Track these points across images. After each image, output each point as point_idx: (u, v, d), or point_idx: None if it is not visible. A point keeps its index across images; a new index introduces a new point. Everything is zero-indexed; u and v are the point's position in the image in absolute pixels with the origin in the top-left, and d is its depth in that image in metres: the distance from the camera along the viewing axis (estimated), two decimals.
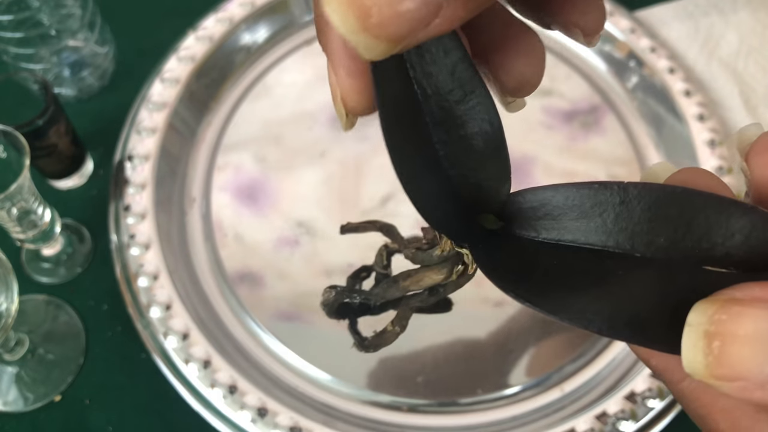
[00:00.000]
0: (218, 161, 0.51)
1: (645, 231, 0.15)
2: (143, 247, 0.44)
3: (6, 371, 0.43)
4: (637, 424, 0.39)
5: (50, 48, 0.50)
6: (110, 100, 0.55)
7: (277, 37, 0.57)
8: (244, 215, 0.49)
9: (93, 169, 0.51)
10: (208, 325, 0.43)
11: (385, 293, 0.18)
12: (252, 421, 0.39)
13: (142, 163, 0.48)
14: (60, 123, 0.45)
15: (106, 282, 0.46)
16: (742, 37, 0.57)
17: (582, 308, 0.14)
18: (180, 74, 0.52)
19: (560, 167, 0.51)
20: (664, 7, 0.59)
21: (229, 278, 0.46)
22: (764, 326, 0.11)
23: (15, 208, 0.39)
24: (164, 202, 0.48)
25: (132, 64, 0.56)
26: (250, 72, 0.56)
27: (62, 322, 0.45)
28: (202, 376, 0.40)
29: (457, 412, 0.42)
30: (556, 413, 0.41)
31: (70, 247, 0.48)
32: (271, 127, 0.53)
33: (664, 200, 0.15)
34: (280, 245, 0.47)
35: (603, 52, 0.57)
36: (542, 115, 0.54)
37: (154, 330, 0.41)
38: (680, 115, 0.52)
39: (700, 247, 0.14)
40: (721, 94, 0.55)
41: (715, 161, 0.49)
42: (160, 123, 0.49)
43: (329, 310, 0.19)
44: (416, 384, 0.43)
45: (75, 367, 0.43)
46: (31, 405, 0.42)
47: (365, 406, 0.42)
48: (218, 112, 0.54)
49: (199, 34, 0.54)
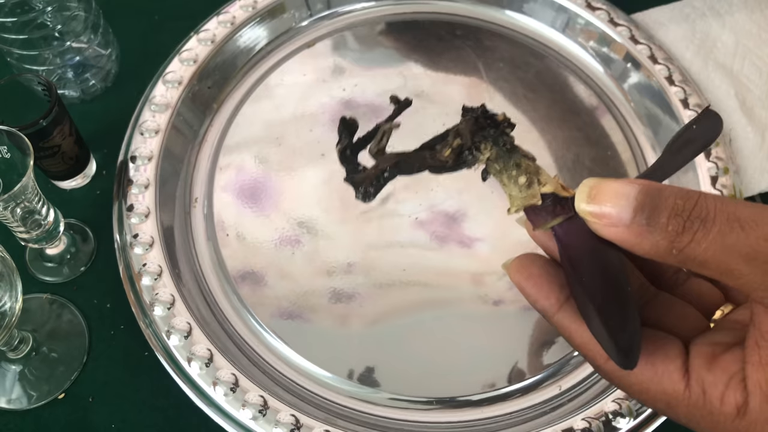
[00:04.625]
0: (220, 162, 0.52)
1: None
2: (146, 246, 0.45)
3: (10, 369, 0.44)
4: (635, 421, 0.40)
5: (54, 50, 0.51)
6: (113, 102, 0.55)
7: (279, 39, 0.58)
8: (246, 215, 0.49)
9: (96, 170, 0.52)
10: (210, 324, 0.44)
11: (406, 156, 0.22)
12: (253, 419, 0.39)
13: (145, 163, 0.48)
14: (64, 124, 0.45)
15: (109, 281, 0.47)
16: (738, 39, 0.58)
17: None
18: (182, 76, 0.52)
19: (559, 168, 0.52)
20: (661, 9, 0.60)
21: (231, 277, 0.47)
22: (617, 187, 0.19)
23: (19, 208, 0.40)
24: (167, 202, 0.48)
25: (135, 65, 0.57)
26: (252, 73, 0.56)
27: (66, 320, 0.45)
28: (204, 373, 0.40)
29: (455, 408, 0.43)
30: (553, 411, 0.42)
31: (74, 247, 0.48)
32: (272, 128, 0.53)
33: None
34: (282, 245, 0.48)
35: (600, 54, 0.57)
36: (540, 116, 0.54)
37: (156, 328, 0.42)
38: (677, 116, 0.52)
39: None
40: (718, 95, 0.55)
41: (711, 162, 0.50)
42: (163, 124, 0.50)
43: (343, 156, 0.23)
44: (415, 381, 0.43)
45: (78, 365, 0.44)
46: (34, 403, 0.43)
47: (365, 403, 0.43)
48: (220, 113, 0.54)
49: (201, 36, 0.54)
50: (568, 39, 0.59)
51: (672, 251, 0.18)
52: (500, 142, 0.21)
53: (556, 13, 0.58)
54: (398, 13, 0.60)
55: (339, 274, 0.47)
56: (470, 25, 0.59)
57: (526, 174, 0.21)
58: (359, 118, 0.53)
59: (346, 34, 0.59)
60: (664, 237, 0.18)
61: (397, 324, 0.45)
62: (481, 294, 0.46)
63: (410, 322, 0.45)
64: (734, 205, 0.17)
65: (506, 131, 0.21)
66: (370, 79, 0.56)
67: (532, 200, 0.21)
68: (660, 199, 0.18)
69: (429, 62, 0.57)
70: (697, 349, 0.20)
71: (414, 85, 0.55)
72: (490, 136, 0.21)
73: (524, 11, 0.60)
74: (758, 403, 0.17)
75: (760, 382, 0.17)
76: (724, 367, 0.18)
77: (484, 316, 0.45)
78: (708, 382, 0.18)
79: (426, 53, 0.57)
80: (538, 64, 0.57)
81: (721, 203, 0.17)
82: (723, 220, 0.17)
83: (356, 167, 0.23)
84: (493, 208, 0.49)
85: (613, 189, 0.19)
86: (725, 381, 0.18)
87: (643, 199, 0.18)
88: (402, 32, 0.59)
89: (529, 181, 0.21)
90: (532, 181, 0.21)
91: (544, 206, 0.21)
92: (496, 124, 0.21)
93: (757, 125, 0.54)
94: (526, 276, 0.22)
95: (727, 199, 0.18)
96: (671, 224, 0.18)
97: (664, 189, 0.18)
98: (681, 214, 0.17)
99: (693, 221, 0.17)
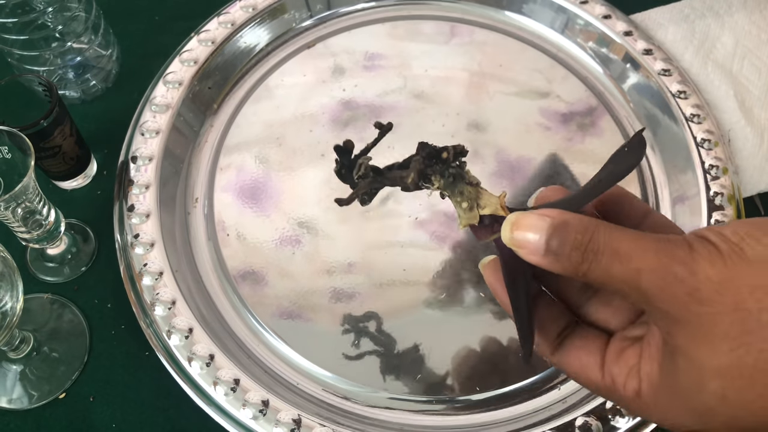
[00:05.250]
0: (221, 162, 0.52)
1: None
2: (147, 246, 0.45)
3: (11, 369, 0.44)
4: (633, 421, 0.40)
5: (55, 50, 0.51)
6: (114, 102, 0.55)
7: (279, 40, 0.58)
8: (247, 215, 0.49)
9: (97, 170, 0.52)
10: (210, 323, 0.44)
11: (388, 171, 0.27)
12: (254, 418, 0.39)
13: (145, 163, 0.48)
14: (64, 124, 0.45)
15: (110, 281, 0.47)
16: (737, 40, 0.58)
17: None
18: (183, 76, 0.52)
19: (557, 168, 0.52)
20: (660, 10, 0.60)
21: (232, 277, 0.47)
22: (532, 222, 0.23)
23: (20, 208, 0.40)
24: (168, 202, 0.48)
25: (135, 66, 0.57)
26: (252, 74, 0.56)
27: (66, 320, 0.46)
28: (205, 373, 0.41)
29: (456, 411, 0.43)
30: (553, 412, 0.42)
31: (75, 247, 0.48)
32: (272, 128, 0.53)
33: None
34: (282, 244, 0.48)
35: (599, 55, 0.58)
36: (539, 116, 0.54)
37: (157, 328, 0.42)
38: (676, 116, 0.52)
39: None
40: (717, 95, 0.55)
41: (710, 162, 0.50)
42: (164, 124, 0.50)
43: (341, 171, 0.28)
44: (415, 383, 0.43)
45: (79, 364, 0.44)
46: (35, 402, 0.43)
47: (365, 404, 0.43)
48: (221, 114, 0.54)
49: (202, 37, 0.54)
50: (567, 39, 0.59)
51: (578, 274, 0.22)
52: (446, 174, 0.26)
53: (556, 14, 0.59)
54: (398, 14, 0.60)
55: (339, 274, 0.47)
56: (470, 26, 0.59)
57: (468, 200, 0.26)
58: (359, 119, 0.54)
59: (346, 34, 0.59)
60: (570, 264, 0.22)
61: (397, 324, 0.45)
62: (481, 294, 0.46)
63: (410, 322, 0.45)
64: (618, 240, 0.21)
65: (452, 165, 0.26)
66: (370, 80, 0.56)
67: (473, 221, 0.26)
68: (565, 233, 0.22)
69: (429, 62, 0.57)
70: (612, 344, 0.24)
71: (414, 85, 0.55)
72: (437, 171, 0.26)
73: (524, 12, 0.60)
74: (647, 387, 0.22)
75: (648, 373, 0.22)
76: (626, 359, 0.23)
77: (484, 316, 0.45)
78: (615, 372, 0.24)
79: (426, 53, 0.57)
80: (538, 64, 0.57)
81: (609, 238, 0.21)
82: (608, 253, 0.21)
83: (353, 183, 0.28)
84: None
85: (529, 223, 0.23)
86: (626, 372, 0.23)
87: (552, 233, 0.22)
88: (402, 33, 0.59)
89: (470, 205, 0.26)
90: (473, 206, 0.26)
91: (483, 225, 0.26)
92: (443, 161, 0.26)
93: (756, 125, 0.54)
94: (496, 278, 0.26)
95: (615, 233, 0.21)
96: (573, 255, 0.22)
97: (569, 223, 0.22)
98: (579, 248, 0.22)
99: (588, 254, 0.21)
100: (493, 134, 0.53)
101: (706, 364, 0.20)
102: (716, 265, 0.20)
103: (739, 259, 0.20)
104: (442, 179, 0.26)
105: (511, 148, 0.53)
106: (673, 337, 0.21)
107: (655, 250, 0.21)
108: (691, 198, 0.49)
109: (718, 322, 0.19)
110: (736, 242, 0.20)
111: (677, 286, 0.20)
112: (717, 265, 0.20)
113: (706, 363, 0.20)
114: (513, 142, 0.53)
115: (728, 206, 0.48)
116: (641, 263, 0.20)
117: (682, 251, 0.20)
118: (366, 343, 0.44)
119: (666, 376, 0.22)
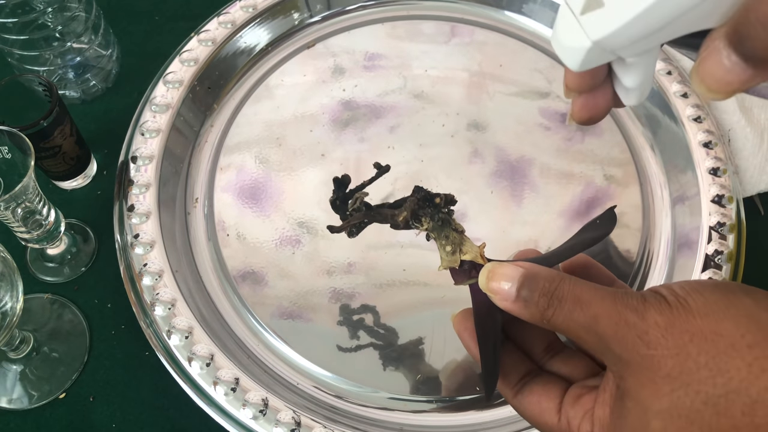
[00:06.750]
0: (221, 162, 0.52)
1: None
2: (147, 246, 0.45)
3: (11, 369, 0.44)
4: None
5: (55, 50, 0.51)
6: (114, 102, 0.55)
7: (279, 40, 0.58)
8: (247, 215, 0.49)
9: (97, 170, 0.52)
10: (210, 324, 0.44)
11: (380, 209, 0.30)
12: (254, 418, 0.39)
13: (145, 163, 0.48)
14: (64, 124, 0.45)
15: (110, 281, 0.47)
16: None
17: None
18: (183, 76, 0.52)
19: (557, 169, 0.52)
20: None
21: (232, 277, 0.47)
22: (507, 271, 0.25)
23: (20, 208, 0.40)
24: (168, 203, 0.48)
25: (135, 66, 0.57)
26: (252, 74, 0.56)
27: (66, 320, 0.46)
28: (205, 373, 0.41)
29: (456, 410, 0.43)
30: None
31: (75, 247, 0.48)
32: (272, 128, 0.53)
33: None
34: (282, 244, 0.48)
35: None
36: (539, 116, 0.54)
37: (157, 328, 0.42)
38: (676, 116, 0.52)
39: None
40: None
41: (710, 162, 0.50)
42: (164, 124, 0.50)
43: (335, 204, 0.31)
44: (416, 382, 0.43)
45: (79, 364, 0.44)
46: (35, 402, 0.43)
47: (365, 404, 0.43)
48: (221, 114, 0.54)
49: (202, 37, 0.54)
50: None
51: (543, 320, 0.24)
52: (436, 218, 0.28)
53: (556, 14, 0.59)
54: (398, 13, 0.60)
55: (339, 274, 0.47)
56: (470, 26, 0.59)
57: (452, 244, 0.28)
58: (359, 119, 0.54)
59: (346, 34, 0.59)
60: (537, 310, 0.24)
61: (397, 324, 0.45)
62: None
63: (410, 322, 0.45)
64: (581, 289, 0.23)
65: (442, 210, 0.28)
66: (370, 80, 0.56)
67: (453, 264, 0.28)
68: (535, 282, 0.24)
69: (429, 62, 0.57)
70: (571, 390, 0.26)
71: (414, 86, 0.55)
72: (428, 214, 0.28)
73: (523, 12, 0.60)
74: (598, 430, 0.24)
75: (600, 416, 0.24)
76: (582, 404, 0.25)
77: None
78: (571, 415, 0.25)
79: (426, 53, 0.57)
80: (538, 64, 0.57)
81: (572, 287, 0.23)
82: (571, 300, 0.23)
83: (345, 214, 0.30)
84: (493, 208, 0.50)
85: (504, 272, 0.25)
86: (581, 415, 0.25)
87: (523, 281, 0.24)
88: (402, 33, 0.59)
89: (453, 249, 0.28)
90: (455, 250, 0.28)
91: (462, 270, 0.28)
92: (435, 205, 0.28)
93: (756, 126, 0.54)
94: (464, 327, 0.28)
95: (578, 284, 0.24)
96: (540, 302, 0.24)
97: (539, 274, 0.24)
98: (546, 294, 0.24)
99: (553, 300, 0.24)
100: (493, 134, 0.53)
101: (649, 406, 0.22)
102: (664, 313, 0.22)
103: (684, 309, 0.22)
104: (431, 221, 0.28)
105: (511, 148, 0.53)
106: (624, 380, 0.22)
107: (612, 299, 0.23)
108: (691, 198, 0.49)
109: (662, 365, 0.21)
110: (683, 296, 0.22)
111: (628, 329, 0.22)
112: (665, 313, 0.22)
113: (649, 404, 0.22)
114: (513, 142, 0.53)
115: (728, 206, 0.48)
116: (599, 309, 0.23)
117: (636, 301, 0.22)
118: (365, 340, 0.44)
119: (616, 419, 0.23)
